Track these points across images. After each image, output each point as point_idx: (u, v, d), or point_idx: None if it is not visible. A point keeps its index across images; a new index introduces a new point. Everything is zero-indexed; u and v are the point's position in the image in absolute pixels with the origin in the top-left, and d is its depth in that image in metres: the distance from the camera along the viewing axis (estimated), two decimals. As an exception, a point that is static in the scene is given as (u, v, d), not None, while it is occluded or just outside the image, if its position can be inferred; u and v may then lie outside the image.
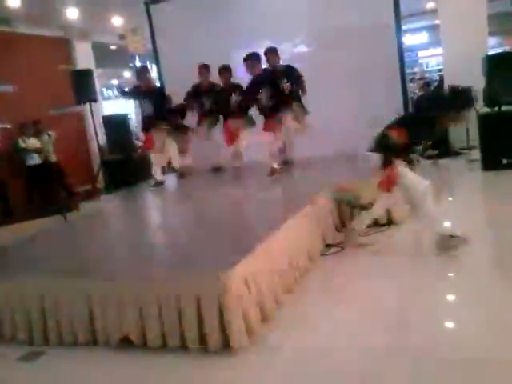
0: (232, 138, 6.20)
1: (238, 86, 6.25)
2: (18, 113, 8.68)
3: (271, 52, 5.66)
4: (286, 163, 6.10)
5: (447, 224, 4.03)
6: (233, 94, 6.22)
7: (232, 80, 6.40)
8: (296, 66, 5.81)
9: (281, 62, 5.70)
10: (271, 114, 5.61)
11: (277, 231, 3.40)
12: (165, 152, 6.49)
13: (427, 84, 9.55)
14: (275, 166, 5.69)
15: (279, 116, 5.59)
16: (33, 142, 8.72)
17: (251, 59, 5.71)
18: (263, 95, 5.60)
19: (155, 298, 2.80)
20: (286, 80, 5.52)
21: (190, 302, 2.70)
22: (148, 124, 6.40)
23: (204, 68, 6.48)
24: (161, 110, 6.32)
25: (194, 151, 6.73)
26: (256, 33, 6.93)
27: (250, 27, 6.89)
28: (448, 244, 3.60)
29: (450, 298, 3.14)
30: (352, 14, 6.44)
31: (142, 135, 8.65)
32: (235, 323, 2.63)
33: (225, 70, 6.34)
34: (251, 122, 6.10)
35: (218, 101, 6.46)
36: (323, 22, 6.23)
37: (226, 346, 2.64)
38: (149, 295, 2.82)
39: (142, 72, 6.58)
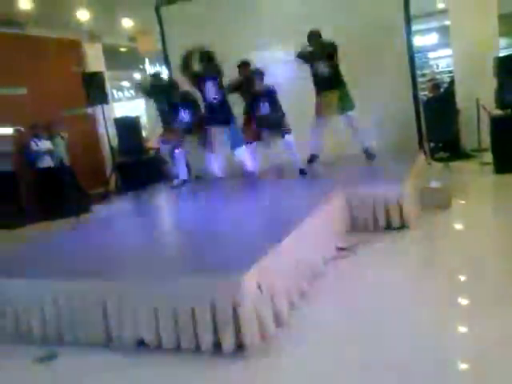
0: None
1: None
2: (30, 115, 8.75)
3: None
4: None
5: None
6: None
7: None
8: (304, 66, 5.95)
9: None
10: None
11: (290, 233, 3.41)
12: None
13: (437, 86, 9.45)
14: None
15: None
16: (45, 145, 8.77)
17: None
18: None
19: (169, 299, 2.82)
20: None
21: (204, 304, 2.72)
22: None
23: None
24: None
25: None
26: (267, 34, 6.93)
27: (261, 29, 6.88)
28: None
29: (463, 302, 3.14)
30: (362, 15, 6.44)
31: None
32: (249, 325, 2.65)
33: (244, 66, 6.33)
34: None
35: None
36: (333, 23, 6.20)
37: (239, 348, 2.66)
38: (163, 297, 2.84)
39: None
